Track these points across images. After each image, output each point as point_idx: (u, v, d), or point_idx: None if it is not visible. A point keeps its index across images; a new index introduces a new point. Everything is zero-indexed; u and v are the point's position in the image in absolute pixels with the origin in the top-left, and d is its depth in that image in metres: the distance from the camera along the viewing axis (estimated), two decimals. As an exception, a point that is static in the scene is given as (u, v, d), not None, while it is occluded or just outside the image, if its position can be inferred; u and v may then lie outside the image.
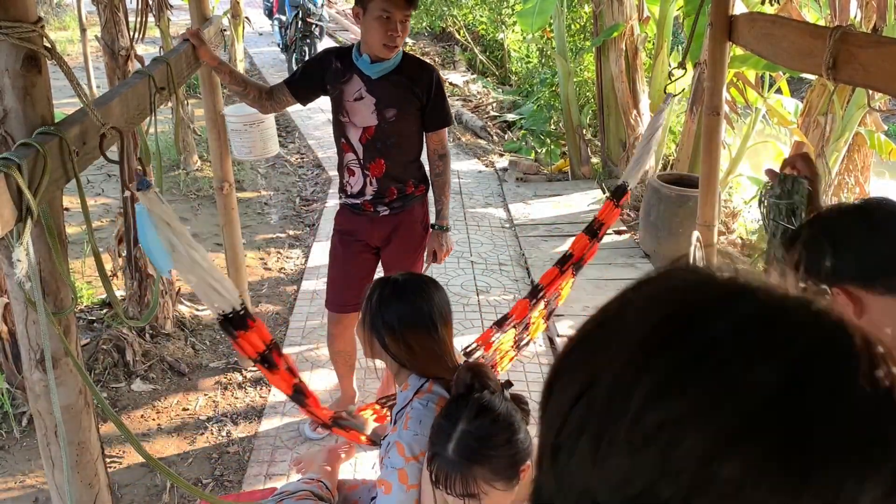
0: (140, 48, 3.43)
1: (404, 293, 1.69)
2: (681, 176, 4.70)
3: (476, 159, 6.66)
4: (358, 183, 2.63)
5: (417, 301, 1.67)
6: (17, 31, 1.31)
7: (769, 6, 3.71)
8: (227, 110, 3.16)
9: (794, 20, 2.66)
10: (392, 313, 1.66)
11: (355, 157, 2.59)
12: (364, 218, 2.68)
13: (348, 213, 2.73)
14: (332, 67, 2.55)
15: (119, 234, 3.52)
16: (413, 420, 1.61)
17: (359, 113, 2.52)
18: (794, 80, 7.13)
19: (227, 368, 3.43)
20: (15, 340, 2.97)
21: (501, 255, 4.66)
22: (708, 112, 2.94)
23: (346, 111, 2.53)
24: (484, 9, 10.48)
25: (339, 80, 2.53)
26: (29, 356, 1.49)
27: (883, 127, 4.45)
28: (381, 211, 2.66)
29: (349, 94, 2.51)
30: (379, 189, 2.61)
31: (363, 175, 2.60)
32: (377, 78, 2.49)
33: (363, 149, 2.57)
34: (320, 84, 2.58)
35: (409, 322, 1.65)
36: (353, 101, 2.52)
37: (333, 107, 2.59)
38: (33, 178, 1.30)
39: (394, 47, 2.42)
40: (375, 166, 2.59)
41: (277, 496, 1.96)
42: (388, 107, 2.51)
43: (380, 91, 2.50)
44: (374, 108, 2.51)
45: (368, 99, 2.50)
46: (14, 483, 2.72)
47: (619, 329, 0.46)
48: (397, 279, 1.74)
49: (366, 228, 2.70)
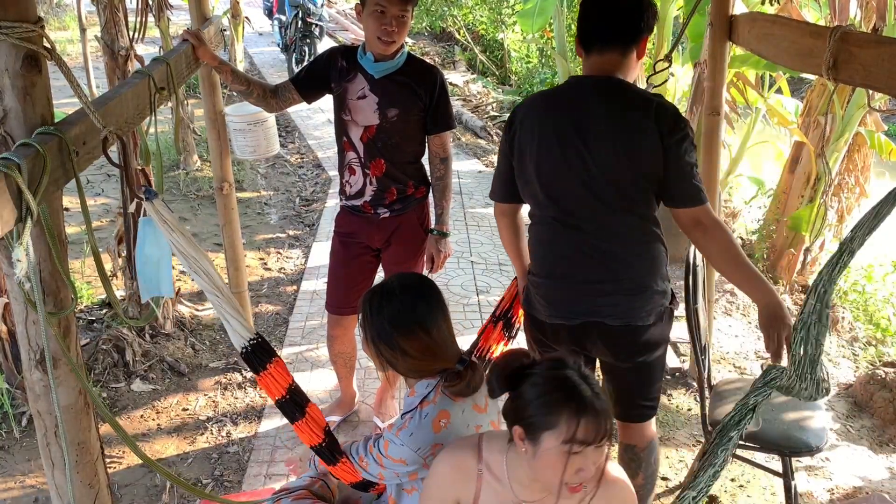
0: (140, 48, 3.43)
1: (392, 295, 1.69)
2: (681, 176, 4.68)
3: (476, 159, 6.66)
4: (358, 182, 2.62)
5: (406, 300, 1.67)
6: (17, 31, 1.31)
7: (769, 6, 3.71)
8: (229, 110, 3.15)
9: (794, 20, 2.66)
10: (383, 320, 1.67)
11: (356, 156, 2.59)
12: (364, 220, 2.67)
13: (348, 215, 2.73)
14: (337, 66, 2.55)
15: (119, 234, 3.52)
16: (405, 432, 1.63)
17: (361, 111, 2.52)
18: (794, 80, 7.13)
19: (227, 368, 3.43)
20: (15, 340, 2.97)
21: (501, 255, 4.66)
22: (708, 112, 2.94)
23: (349, 109, 2.53)
24: (484, 9, 10.48)
25: (343, 78, 2.53)
26: (29, 356, 1.49)
27: (883, 127, 4.45)
28: (382, 213, 2.65)
29: (352, 92, 2.52)
30: (379, 189, 2.61)
31: (363, 174, 2.60)
32: (380, 77, 2.49)
33: (364, 147, 2.56)
34: (326, 82, 2.58)
35: (399, 324, 1.65)
36: (356, 100, 2.52)
37: (336, 105, 2.59)
38: (33, 178, 1.29)
39: (389, 42, 2.41)
40: (376, 166, 2.58)
41: (276, 495, 1.97)
42: (390, 106, 2.51)
43: (382, 90, 2.49)
44: (377, 108, 2.51)
45: (371, 98, 2.50)
46: (14, 483, 2.72)
47: None
48: (384, 284, 1.75)
49: (366, 230, 2.69)
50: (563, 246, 1.95)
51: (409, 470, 1.66)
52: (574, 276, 1.95)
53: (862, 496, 2.70)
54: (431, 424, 1.61)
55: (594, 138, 1.84)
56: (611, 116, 1.85)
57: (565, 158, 1.87)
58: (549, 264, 1.99)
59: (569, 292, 1.96)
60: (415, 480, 1.70)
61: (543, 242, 2.01)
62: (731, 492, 2.72)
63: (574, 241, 1.93)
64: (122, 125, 1.80)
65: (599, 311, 1.94)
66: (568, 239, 1.94)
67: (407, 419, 1.65)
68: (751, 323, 4.06)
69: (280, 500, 1.93)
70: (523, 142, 1.94)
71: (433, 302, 1.69)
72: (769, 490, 2.73)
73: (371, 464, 1.71)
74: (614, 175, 1.85)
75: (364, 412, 3.12)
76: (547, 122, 1.91)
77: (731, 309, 4.19)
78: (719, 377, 3.12)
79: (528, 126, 1.94)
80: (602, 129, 1.84)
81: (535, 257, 2.06)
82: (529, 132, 1.93)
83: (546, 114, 1.93)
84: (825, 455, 2.93)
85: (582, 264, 1.93)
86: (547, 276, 1.99)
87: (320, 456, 1.93)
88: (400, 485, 1.75)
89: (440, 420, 1.61)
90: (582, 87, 1.93)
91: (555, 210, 1.93)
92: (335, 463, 1.90)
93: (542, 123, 1.92)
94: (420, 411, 1.64)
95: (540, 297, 2.02)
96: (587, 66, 1.94)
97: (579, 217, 1.91)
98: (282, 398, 1.93)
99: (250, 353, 1.89)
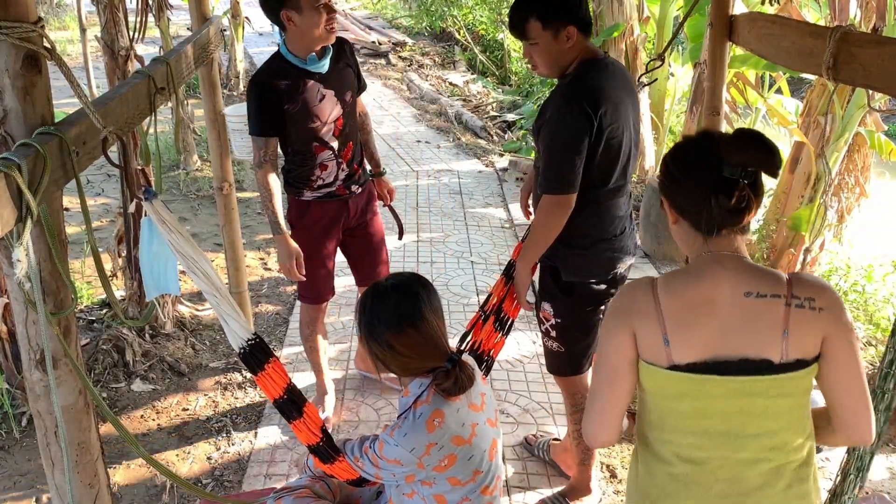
0: (140, 48, 3.43)
1: (385, 294, 1.69)
2: (681, 176, 4.69)
3: (476, 159, 6.66)
4: (331, 174, 2.69)
5: (398, 298, 1.67)
6: (17, 31, 1.31)
7: (769, 6, 3.71)
8: (228, 110, 3.16)
9: (794, 20, 2.66)
10: (374, 317, 1.67)
11: (331, 153, 2.65)
12: (340, 202, 2.76)
13: (323, 205, 2.73)
14: (280, 89, 2.50)
15: (119, 234, 3.52)
16: (399, 432, 1.63)
17: (326, 110, 2.58)
18: (794, 80, 7.13)
19: (227, 368, 3.43)
20: (15, 340, 2.97)
21: (501, 255, 4.66)
22: (708, 112, 2.94)
23: (316, 115, 2.55)
24: (484, 9, 10.49)
25: (296, 94, 2.51)
26: (29, 356, 1.49)
27: (883, 127, 4.45)
28: (355, 189, 2.78)
29: (312, 99, 2.54)
30: (349, 171, 2.73)
31: (337, 164, 2.68)
32: (328, 71, 2.58)
33: (338, 141, 2.65)
34: (281, 111, 2.52)
35: (389, 322, 1.65)
36: (319, 104, 2.56)
37: (298, 120, 2.53)
38: (33, 178, 1.29)
39: (332, 29, 2.50)
40: (347, 151, 2.71)
41: (277, 493, 1.97)
42: (345, 91, 2.65)
43: (334, 81, 2.60)
44: (336, 99, 2.61)
45: (329, 93, 2.58)
46: (14, 483, 2.72)
47: None
48: (378, 284, 1.75)
49: (343, 212, 2.78)
50: (622, 209, 2.32)
51: (405, 471, 1.66)
52: (627, 229, 2.36)
53: (862, 496, 2.70)
54: (425, 424, 1.61)
55: (633, 116, 2.23)
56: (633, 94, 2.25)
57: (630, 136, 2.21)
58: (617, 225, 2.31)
59: (629, 239, 2.37)
60: (412, 483, 1.70)
61: (612, 208, 2.27)
62: (731, 492, 2.72)
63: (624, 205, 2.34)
64: (122, 125, 1.80)
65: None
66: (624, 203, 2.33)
67: (402, 420, 1.65)
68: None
69: (281, 498, 1.94)
70: (611, 125, 2.13)
71: (425, 299, 1.68)
72: (769, 490, 2.73)
73: (367, 464, 1.71)
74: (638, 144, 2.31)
75: (364, 412, 3.12)
76: (620, 104, 2.15)
77: (731, 309, 4.19)
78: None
79: (611, 110, 2.11)
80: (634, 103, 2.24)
81: (605, 223, 2.28)
82: (612, 115, 2.12)
83: (617, 96, 2.15)
84: (825, 455, 2.93)
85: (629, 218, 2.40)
86: (616, 236, 2.31)
87: (318, 455, 1.93)
88: (399, 487, 1.75)
89: (434, 419, 1.61)
90: (616, 66, 2.23)
91: (623, 181, 2.26)
92: (332, 461, 1.90)
93: (617, 106, 2.13)
94: (414, 412, 1.64)
95: (612, 254, 2.29)
96: (590, 49, 2.19)
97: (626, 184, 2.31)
98: (279, 398, 1.94)
99: (248, 354, 1.89)
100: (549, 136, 2.12)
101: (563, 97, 2.13)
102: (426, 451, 1.61)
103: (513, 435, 3.00)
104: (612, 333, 1.40)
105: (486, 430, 1.71)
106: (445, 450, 1.62)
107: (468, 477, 1.67)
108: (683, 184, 1.38)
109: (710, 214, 1.34)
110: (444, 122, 7.85)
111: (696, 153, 1.38)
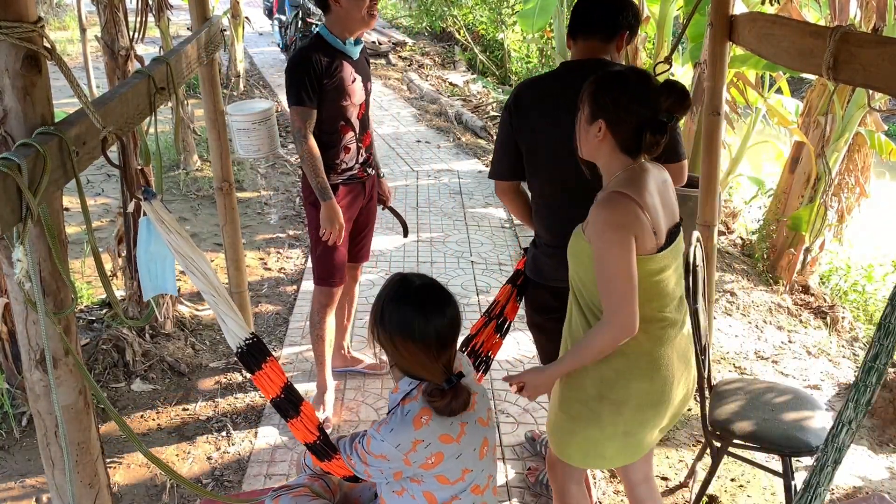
0: (140, 48, 3.43)
1: (408, 294, 1.64)
2: (681, 176, 4.69)
3: (476, 159, 6.66)
4: (353, 158, 2.85)
5: (418, 307, 1.62)
6: (17, 31, 1.31)
7: (769, 6, 3.71)
8: (231, 108, 3.15)
9: (794, 20, 2.66)
10: (392, 314, 1.63)
11: (353, 134, 2.82)
12: (359, 184, 2.93)
13: (349, 186, 2.89)
14: (321, 64, 2.67)
15: (119, 234, 3.52)
16: (385, 427, 1.63)
17: (356, 93, 2.76)
18: (794, 80, 7.13)
19: (227, 368, 3.43)
20: (15, 340, 2.97)
21: (501, 255, 4.66)
22: (708, 112, 2.94)
23: (349, 94, 2.73)
24: (484, 9, 10.50)
25: (335, 71, 2.69)
26: (29, 356, 1.49)
27: (883, 127, 4.45)
28: (370, 172, 2.98)
29: (347, 79, 2.72)
30: (366, 156, 2.92)
31: (357, 149, 2.86)
32: (358, 57, 2.78)
33: (359, 124, 2.83)
34: (322, 85, 2.69)
35: (403, 329, 1.61)
36: (351, 84, 2.74)
37: (333, 96, 2.71)
38: (33, 179, 1.29)
39: (374, 15, 2.68)
40: (366, 137, 2.89)
41: (276, 492, 1.97)
42: (368, 80, 2.84)
43: (361, 68, 2.80)
44: (363, 85, 2.80)
45: (358, 78, 2.77)
46: (14, 483, 2.72)
47: None
48: (408, 279, 1.68)
49: (362, 193, 2.96)
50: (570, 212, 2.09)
51: (392, 467, 1.65)
52: None
53: (862, 496, 2.70)
54: (412, 421, 1.60)
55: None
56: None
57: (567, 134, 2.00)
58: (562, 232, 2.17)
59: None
60: (401, 480, 1.69)
61: (554, 210, 2.23)
62: (731, 492, 2.72)
63: (575, 208, 2.05)
64: (122, 125, 1.80)
65: None
66: (572, 205, 2.11)
67: (390, 415, 1.66)
68: (751, 323, 4.06)
69: (279, 496, 1.94)
70: (534, 123, 2.14)
71: (442, 324, 1.62)
72: (769, 490, 2.73)
73: (357, 462, 1.71)
74: None
75: (364, 412, 3.12)
76: (547, 103, 2.14)
77: (731, 309, 4.19)
78: (719, 377, 3.13)
79: (536, 108, 2.14)
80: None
81: (547, 226, 2.24)
82: (537, 113, 2.14)
83: (548, 95, 2.16)
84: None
85: None
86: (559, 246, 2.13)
87: (315, 453, 1.94)
88: (389, 485, 1.74)
89: (422, 417, 1.60)
90: (570, 70, 2.19)
91: (561, 183, 2.18)
92: (330, 459, 1.91)
93: (545, 105, 2.14)
94: (402, 408, 1.63)
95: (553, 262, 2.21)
96: (574, 54, 2.22)
97: (575, 187, 2.08)
98: (277, 397, 1.95)
99: (246, 353, 1.90)
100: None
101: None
102: (412, 448, 1.60)
103: (513, 435, 3.00)
104: (624, 242, 1.69)
105: (476, 428, 1.70)
106: (433, 447, 1.61)
107: (457, 476, 1.67)
108: (626, 117, 1.72)
109: (639, 143, 1.74)
110: (444, 122, 7.86)
111: (643, 93, 1.71)
